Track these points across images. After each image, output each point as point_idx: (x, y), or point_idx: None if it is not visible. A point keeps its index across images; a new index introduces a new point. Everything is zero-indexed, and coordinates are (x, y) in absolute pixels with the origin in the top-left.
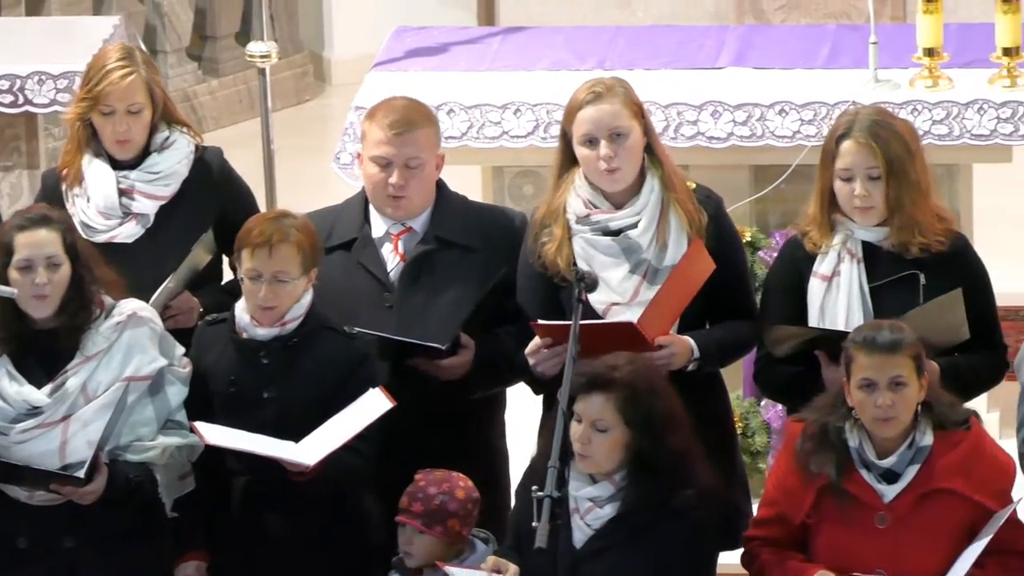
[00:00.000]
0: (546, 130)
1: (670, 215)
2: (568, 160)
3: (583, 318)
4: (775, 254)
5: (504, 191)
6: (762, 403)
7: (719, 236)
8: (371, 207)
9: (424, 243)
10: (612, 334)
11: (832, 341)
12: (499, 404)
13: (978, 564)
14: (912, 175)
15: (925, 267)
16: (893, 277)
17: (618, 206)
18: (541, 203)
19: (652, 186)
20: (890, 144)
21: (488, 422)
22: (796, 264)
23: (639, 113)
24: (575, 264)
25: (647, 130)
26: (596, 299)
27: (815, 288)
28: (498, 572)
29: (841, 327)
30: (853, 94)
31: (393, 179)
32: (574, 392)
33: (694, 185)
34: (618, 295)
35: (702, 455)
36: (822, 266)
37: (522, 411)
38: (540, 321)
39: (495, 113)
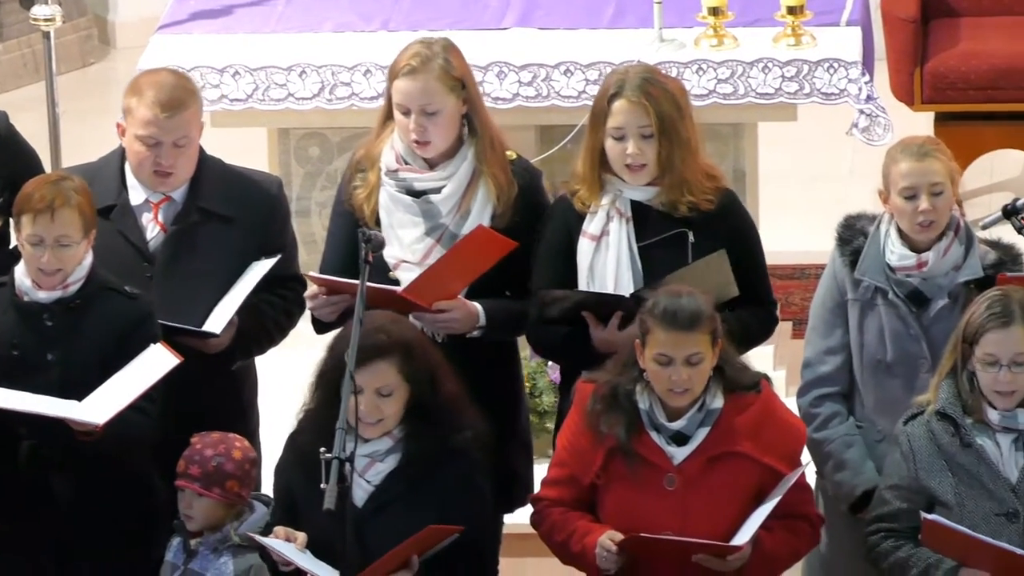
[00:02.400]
0: (332, 92)
1: (479, 185)
2: (390, 111)
3: (369, 276)
4: None
5: (290, 153)
6: (549, 363)
7: (526, 208)
8: (129, 173)
9: (185, 215)
10: (383, 297)
11: (602, 304)
12: (252, 363)
13: (765, 527)
14: (683, 133)
15: (694, 225)
16: (662, 236)
17: (431, 166)
18: (362, 145)
19: (466, 155)
20: (661, 102)
21: (242, 381)
22: (566, 224)
23: (458, 85)
24: (360, 227)
25: (468, 99)
26: (388, 254)
27: (584, 248)
28: (288, 540)
29: (610, 286)
30: (638, 54)
31: (162, 159)
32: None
33: (514, 156)
34: (409, 254)
35: (470, 400)
36: (591, 226)
37: (276, 371)
38: (312, 274)
39: (280, 75)
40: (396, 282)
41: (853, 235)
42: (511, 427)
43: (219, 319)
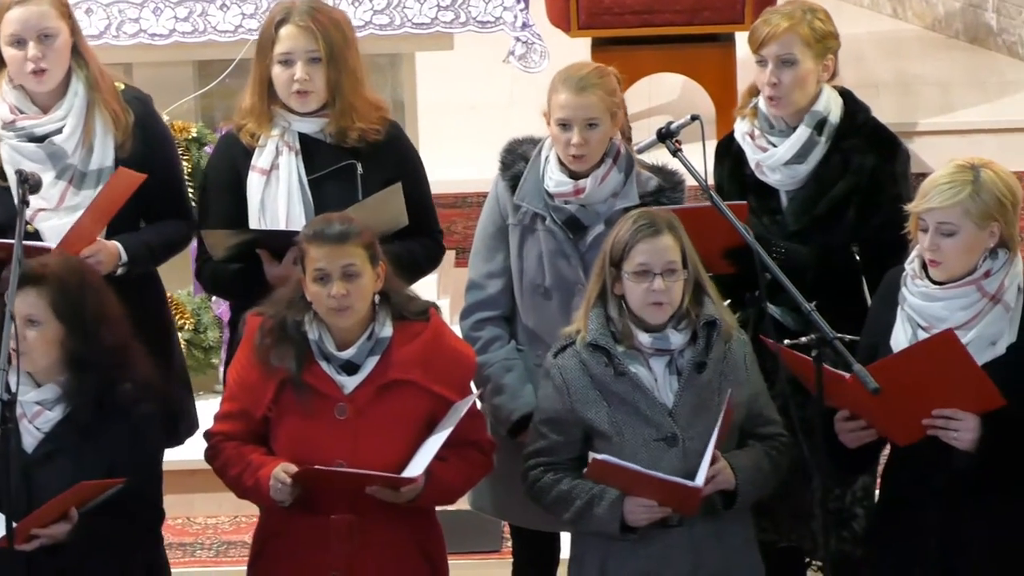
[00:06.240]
0: None
1: (95, 117)
2: None
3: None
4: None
5: None
6: (213, 299)
7: (147, 137)
8: None
9: None
10: (28, 253)
11: (272, 239)
12: None
13: (439, 456)
14: (349, 62)
15: (362, 157)
16: (332, 168)
17: (44, 109)
18: None
19: (77, 89)
20: (329, 29)
21: None
22: (233, 160)
23: (67, 13)
24: (17, 169)
25: (74, 30)
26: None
27: (254, 183)
28: None
29: (282, 220)
30: None
31: None
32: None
33: (122, 86)
34: (45, 201)
35: (140, 350)
36: (260, 160)
37: None
38: None
39: None
40: (36, 233)
41: (515, 160)
42: (167, 358)
43: None
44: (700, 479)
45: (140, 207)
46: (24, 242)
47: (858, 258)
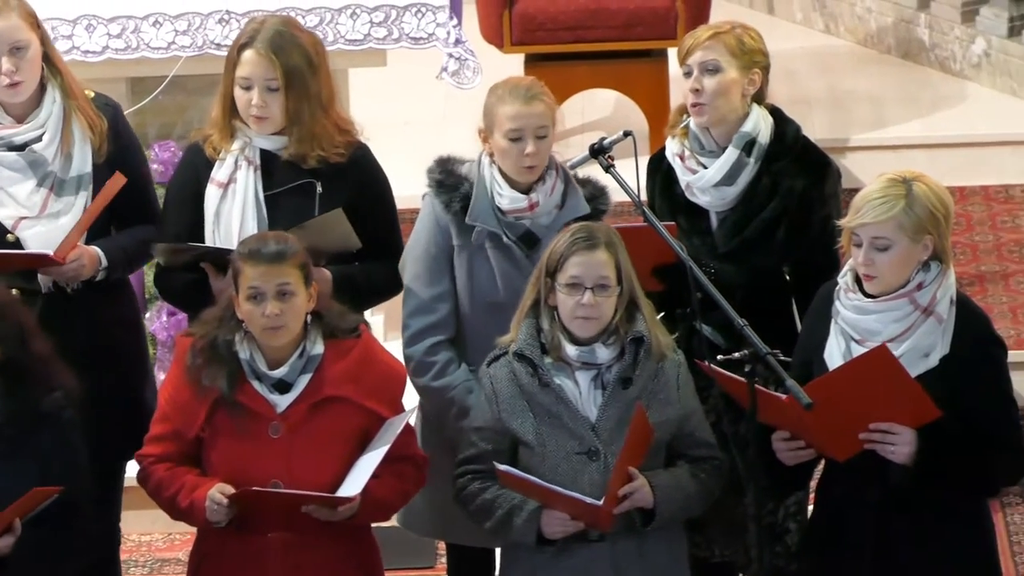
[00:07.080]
0: None
1: (72, 124)
2: None
3: None
4: (155, 165)
5: None
6: (147, 315)
7: (119, 142)
8: None
9: None
10: (23, 260)
11: (217, 255)
12: None
13: (373, 473)
14: (312, 88)
15: (322, 176)
16: (289, 185)
17: (20, 119)
18: None
19: (53, 96)
20: (291, 56)
21: None
22: (196, 170)
23: (36, 24)
24: None
25: (44, 40)
26: (5, 214)
27: (211, 195)
28: None
29: (235, 235)
30: (226, 4)
31: None
32: None
33: (92, 94)
34: (27, 209)
35: (59, 359)
36: (219, 173)
37: None
38: None
39: None
40: (17, 242)
41: (458, 181)
42: (142, 367)
43: None
44: (603, 499)
45: (111, 211)
46: (24, 251)
47: (788, 279)
